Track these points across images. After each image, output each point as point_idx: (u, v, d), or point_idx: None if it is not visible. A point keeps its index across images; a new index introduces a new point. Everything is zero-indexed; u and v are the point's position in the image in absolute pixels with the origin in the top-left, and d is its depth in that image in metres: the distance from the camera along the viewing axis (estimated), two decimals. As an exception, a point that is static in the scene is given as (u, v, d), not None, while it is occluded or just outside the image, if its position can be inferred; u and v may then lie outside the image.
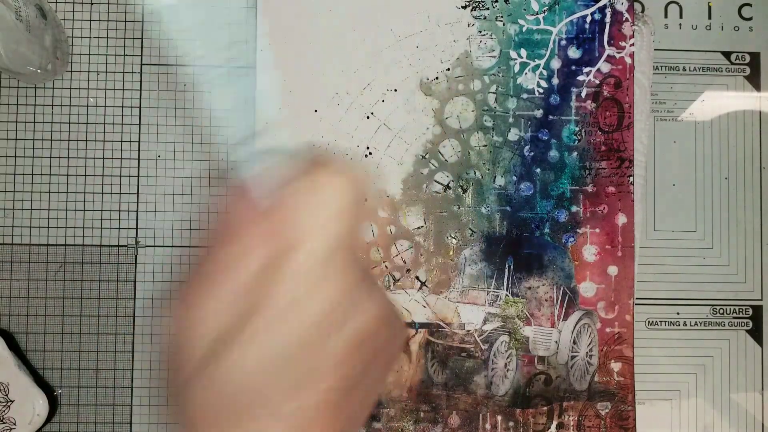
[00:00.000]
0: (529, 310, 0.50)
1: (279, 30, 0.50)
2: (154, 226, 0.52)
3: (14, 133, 0.52)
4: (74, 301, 0.51)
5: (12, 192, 0.51)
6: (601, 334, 0.50)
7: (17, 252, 0.51)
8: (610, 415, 0.50)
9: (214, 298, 0.22)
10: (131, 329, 0.52)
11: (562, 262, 0.50)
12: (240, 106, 0.30)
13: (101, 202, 0.52)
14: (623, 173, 0.51)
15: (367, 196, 0.25)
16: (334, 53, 0.50)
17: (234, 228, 0.24)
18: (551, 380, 0.50)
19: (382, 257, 0.50)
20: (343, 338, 0.22)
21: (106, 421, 0.51)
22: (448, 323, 0.50)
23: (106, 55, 0.52)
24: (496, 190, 0.51)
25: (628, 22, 0.51)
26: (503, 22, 0.51)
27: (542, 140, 0.51)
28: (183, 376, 0.22)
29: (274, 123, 0.29)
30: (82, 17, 0.52)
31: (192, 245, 0.52)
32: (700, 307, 0.54)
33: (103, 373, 0.51)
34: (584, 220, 0.51)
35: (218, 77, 0.32)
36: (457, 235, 0.50)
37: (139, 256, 0.52)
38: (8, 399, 0.48)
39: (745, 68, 0.55)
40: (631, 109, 0.51)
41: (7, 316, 0.51)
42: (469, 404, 0.50)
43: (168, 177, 0.52)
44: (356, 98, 0.50)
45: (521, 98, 0.51)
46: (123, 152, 0.52)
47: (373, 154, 0.50)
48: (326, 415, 0.22)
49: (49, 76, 0.51)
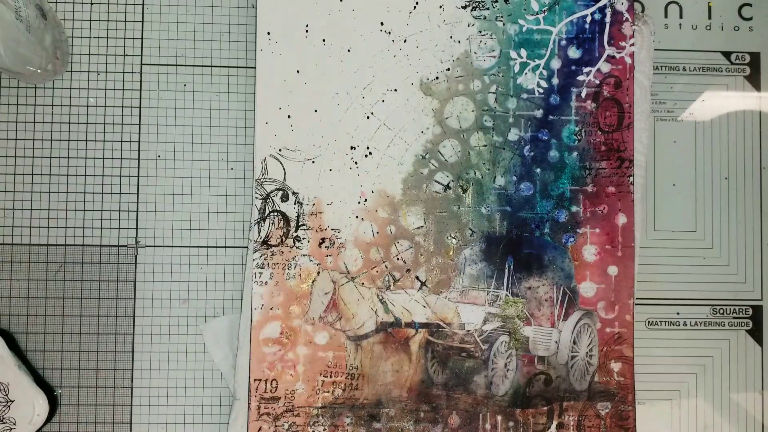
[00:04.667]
0: (529, 310, 0.50)
1: (279, 30, 0.50)
2: (154, 226, 0.52)
3: (14, 133, 0.52)
4: (74, 301, 0.51)
5: (12, 192, 0.51)
6: (601, 334, 0.50)
7: (17, 252, 0.51)
8: (610, 415, 0.50)
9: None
10: (131, 329, 0.52)
11: (562, 262, 0.50)
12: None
13: (101, 202, 0.52)
14: (623, 173, 0.51)
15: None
16: (334, 53, 0.50)
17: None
18: (551, 380, 0.50)
19: (382, 257, 0.50)
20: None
21: (106, 421, 0.51)
22: (448, 323, 0.50)
23: (106, 55, 0.52)
24: (496, 190, 0.51)
25: (628, 22, 0.51)
26: (503, 22, 0.51)
27: (542, 140, 0.51)
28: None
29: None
30: (82, 17, 0.52)
31: (192, 245, 0.52)
32: (700, 307, 0.54)
33: (103, 373, 0.51)
34: (584, 220, 0.51)
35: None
36: (457, 235, 0.50)
37: (139, 256, 0.52)
38: (8, 399, 0.48)
39: (745, 68, 0.55)
40: (631, 109, 0.51)
41: (7, 316, 0.51)
42: (469, 404, 0.50)
43: (168, 177, 0.52)
44: (356, 98, 0.50)
45: (521, 98, 0.51)
46: (123, 152, 0.52)
47: (373, 154, 0.50)
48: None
49: (49, 76, 0.51)
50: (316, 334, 0.49)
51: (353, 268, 0.50)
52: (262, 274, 0.49)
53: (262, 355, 0.49)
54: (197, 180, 0.52)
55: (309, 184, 0.50)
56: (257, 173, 0.50)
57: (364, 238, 0.50)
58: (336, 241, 0.50)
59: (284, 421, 0.49)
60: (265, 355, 0.49)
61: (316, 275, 0.50)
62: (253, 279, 0.49)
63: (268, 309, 0.49)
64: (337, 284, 0.50)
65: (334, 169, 0.50)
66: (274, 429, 0.49)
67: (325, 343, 0.49)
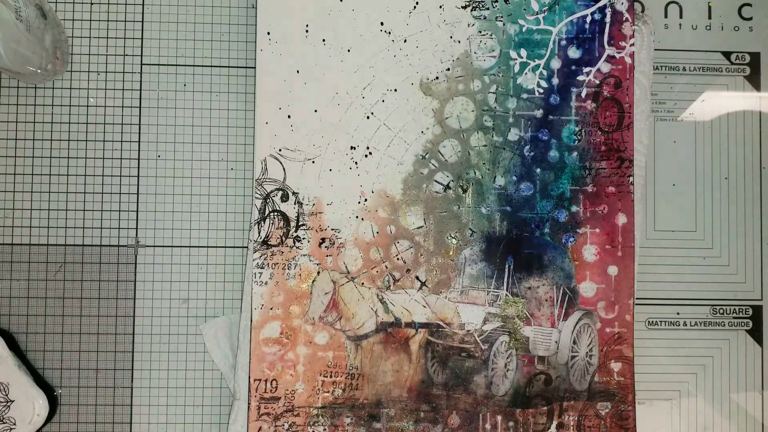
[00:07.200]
0: (529, 310, 0.50)
1: (279, 30, 0.50)
2: (154, 226, 0.52)
3: (14, 133, 0.52)
4: (74, 301, 0.51)
5: (12, 192, 0.51)
6: (601, 334, 0.50)
7: (17, 252, 0.51)
8: (610, 415, 0.50)
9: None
10: (131, 329, 0.52)
11: (562, 262, 0.50)
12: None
13: (101, 202, 0.52)
14: (623, 173, 0.51)
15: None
16: (334, 53, 0.50)
17: None
18: (551, 380, 0.50)
19: (382, 257, 0.50)
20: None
21: (106, 421, 0.51)
22: (448, 323, 0.50)
23: (106, 55, 0.52)
24: (496, 190, 0.51)
25: (628, 22, 0.51)
26: (503, 22, 0.51)
27: (542, 140, 0.51)
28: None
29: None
30: (82, 17, 0.52)
31: (192, 245, 0.52)
32: (700, 307, 0.54)
33: (103, 373, 0.51)
34: (584, 220, 0.51)
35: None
36: (457, 235, 0.50)
37: (139, 256, 0.52)
38: (8, 399, 0.48)
39: (745, 68, 0.55)
40: (631, 109, 0.51)
41: (7, 316, 0.51)
42: (469, 404, 0.50)
43: (168, 177, 0.52)
44: (356, 98, 0.50)
45: (521, 98, 0.51)
46: (123, 152, 0.52)
47: (373, 154, 0.50)
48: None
49: (49, 76, 0.51)
50: (316, 334, 0.49)
51: (353, 268, 0.50)
52: (262, 274, 0.49)
53: (262, 355, 0.49)
54: (197, 180, 0.52)
55: (309, 184, 0.50)
56: (257, 173, 0.50)
57: (364, 238, 0.50)
58: (336, 241, 0.50)
59: (284, 421, 0.49)
60: (265, 355, 0.49)
61: (316, 275, 0.50)
62: (253, 279, 0.49)
63: (268, 309, 0.49)
64: (337, 284, 0.50)
65: (334, 169, 0.50)
66: (274, 429, 0.49)
67: (325, 343, 0.49)
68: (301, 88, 0.50)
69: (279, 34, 0.50)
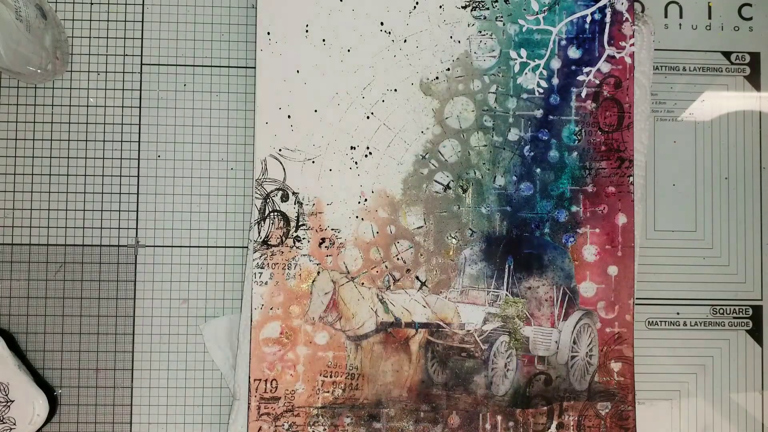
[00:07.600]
0: (529, 310, 0.50)
1: (279, 30, 0.50)
2: (154, 226, 0.52)
3: (14, 133, 0.52)
4: (74, 301, 0.51)
5: (12, 192, 0.51)
6: (601, 334, 0.50)
7: (17, 252, 0.51)
8: (610, 415, 0.50)
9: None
10: (131, 329, 0.52)
11: (562, 262, 0.50)
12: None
13: (101, 202, 0.52)
14: (623, 173, 0.51)
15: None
16: (334, 53, 0.50)
17: None
18: (551, 380, 0.50)
19: (382, 257, 0.50)
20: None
21: (106, 421, 0.51)
22: (448, 323, 0.50)
23: (106, 55, 0.52)
24: (496, 190, 0.51)
25: (628, 22, 0.51)
26: (503, 22, 0.51)
27: (542, 140, 0.51)
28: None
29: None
30: (82, 17, 0.52)
31: (192, 245, 0.52)
32: (700, 307, 0.54)
33: (103, 373, 0.51)
34: (584, 220, 0.51)
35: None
36: (457, 235, 0.50)
37: (139, 256, 0.52)
38: (8, 399, 0.48)
39: (745, 68, 0.55)
40: (631, 109, 0.51)
41: (7, 316, 0.51)
42: (469, 404, 0.50)
43: (168, 177, 0.52)
44: (356, 98, 0.50)
45: (521, 98, 0.51)
46: (123, 152, 0.52)
47: (373, 154, 0.50)
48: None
49: (49, 76, 0.51)
50: (316, 334, 0.49)
51: (353, 268, 0.50)
52: (262, 274, 0.49)
53: (262, 355, 0.49)
54: (197, 180, 0.52)
55: (309, 184, 0.50)
56: (257, 173, 0.50)
57: (364, 238, 0.50)
58: (336, 241, 0.50)
59: (284, 421, 0.49)
60: (265, 355, 0.49)
61: (316, 275, 0.50)
62: (253, 279, 0.49)
63: (268, 309, 0.49)
64: (337, 284, 0.50)
65: (334, 169, 0.50)
66: (274, 429, 0.49)
67: (325, 343, 0.49)
68: (301, 88, 0.50)
69: (279, 34, 0.50)
